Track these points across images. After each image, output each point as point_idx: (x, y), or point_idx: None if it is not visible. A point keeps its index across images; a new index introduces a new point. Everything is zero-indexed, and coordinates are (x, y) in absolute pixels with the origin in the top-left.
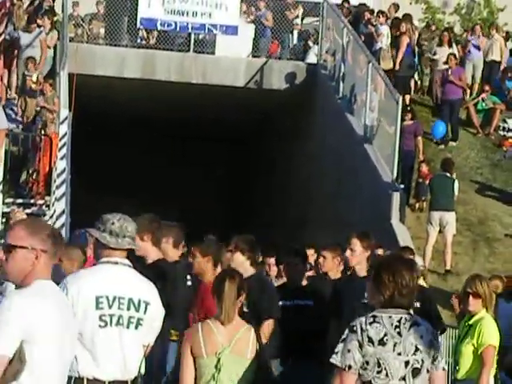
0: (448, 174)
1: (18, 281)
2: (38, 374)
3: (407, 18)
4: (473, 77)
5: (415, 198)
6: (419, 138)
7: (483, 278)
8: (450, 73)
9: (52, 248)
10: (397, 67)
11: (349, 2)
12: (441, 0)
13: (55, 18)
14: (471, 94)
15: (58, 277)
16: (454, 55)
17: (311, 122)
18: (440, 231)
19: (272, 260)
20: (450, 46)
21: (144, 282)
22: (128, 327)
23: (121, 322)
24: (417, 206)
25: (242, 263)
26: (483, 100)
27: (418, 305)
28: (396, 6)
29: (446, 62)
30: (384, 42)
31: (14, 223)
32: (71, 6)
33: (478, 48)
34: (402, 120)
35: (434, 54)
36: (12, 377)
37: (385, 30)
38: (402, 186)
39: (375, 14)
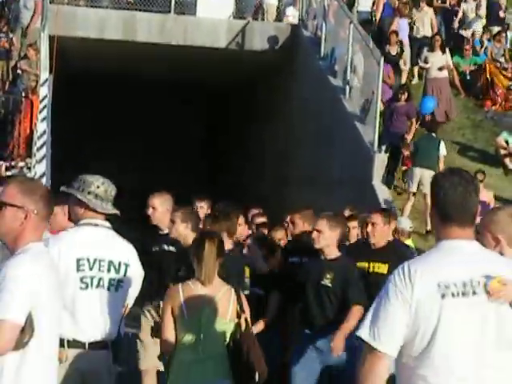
0: (434, 135)
1: (7, 240)
2: (43, 337)
3: None
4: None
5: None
6: (412, 120)
7: None
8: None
9: (43, 210)
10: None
11: None
12: None
13: None
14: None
15: None
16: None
17: (292, 83)
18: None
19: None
20: (443, 51)
21: (124, 244)
22: (109, 289)
23: (101, 284)
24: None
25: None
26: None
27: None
28: None
29: (440, 69)
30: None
31: (10, 180)
32: None
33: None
34: (397, 100)
35: (425, 61)
36: (23, 344)
37: None
38: (384, 147)
39: None
